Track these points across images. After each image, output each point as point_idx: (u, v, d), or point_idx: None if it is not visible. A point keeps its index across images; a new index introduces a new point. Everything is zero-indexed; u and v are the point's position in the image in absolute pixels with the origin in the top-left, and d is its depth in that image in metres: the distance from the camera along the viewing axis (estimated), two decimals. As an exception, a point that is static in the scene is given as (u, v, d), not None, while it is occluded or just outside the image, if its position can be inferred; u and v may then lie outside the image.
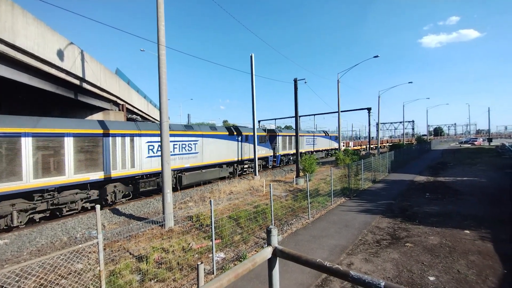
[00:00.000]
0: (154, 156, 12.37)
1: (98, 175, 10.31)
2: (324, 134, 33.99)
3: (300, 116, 34.36)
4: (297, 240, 7.18)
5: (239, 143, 18.29)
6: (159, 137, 11.27)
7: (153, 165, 12.33)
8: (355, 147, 44.45)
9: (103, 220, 9.64)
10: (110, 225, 9.20)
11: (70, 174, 9.53)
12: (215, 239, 6.59)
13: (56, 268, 5.57)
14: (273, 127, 38.30)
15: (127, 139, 11.41)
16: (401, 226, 7.91)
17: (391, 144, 44.02)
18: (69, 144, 9.52)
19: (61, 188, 9.48)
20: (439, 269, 5.29)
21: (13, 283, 4.93)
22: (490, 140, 59.69)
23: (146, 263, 5.79)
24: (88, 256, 6.34)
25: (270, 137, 22.37)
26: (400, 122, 64.62)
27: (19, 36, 8.91)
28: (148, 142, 12.26)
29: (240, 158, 18.37)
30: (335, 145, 34.20)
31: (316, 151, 30.82)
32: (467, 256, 5.78)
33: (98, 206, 4.07)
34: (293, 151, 25.25)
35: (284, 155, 24.84)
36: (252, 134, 18.43)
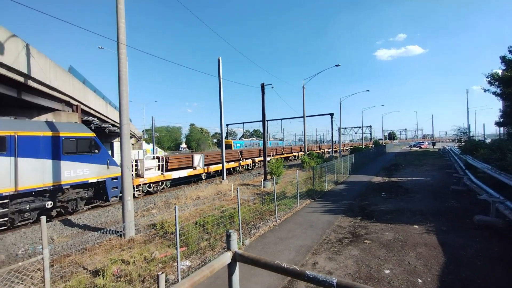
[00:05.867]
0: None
1: None
2: (50, 134, 9.46)
3: (268, 120, 34.62)
4: (265, 243, 7.24)
5: None
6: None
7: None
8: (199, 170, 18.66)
9: (51, 232, 8.64)
10: (61, 238, 8.29)
11: None
12: (181, 247, 6.33)
13: (-11, 291, 4.81)
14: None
15: None
16: (360, 224, 8.46)
17: (351, 147, 46.46)
18: None
19: None
20: (393, 263, 5.76)
21: None
22: (434, 143, 67.46)
23: (103, 278, 5.32)
24: (31, 275, 5.60)
25: None
26: (359, 127, 69.31)
27: None
28: None
29: None
30: (115, 170, 11.55)
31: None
32: (416, 249, 6.39)
33: (43, 217, 3.64)
34: None
35: None
36: None
